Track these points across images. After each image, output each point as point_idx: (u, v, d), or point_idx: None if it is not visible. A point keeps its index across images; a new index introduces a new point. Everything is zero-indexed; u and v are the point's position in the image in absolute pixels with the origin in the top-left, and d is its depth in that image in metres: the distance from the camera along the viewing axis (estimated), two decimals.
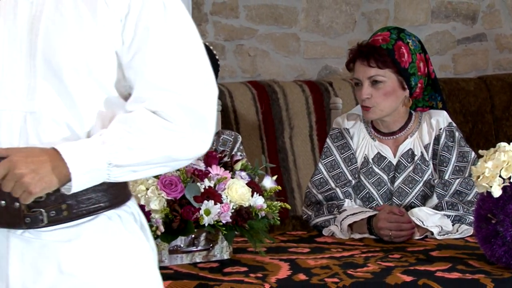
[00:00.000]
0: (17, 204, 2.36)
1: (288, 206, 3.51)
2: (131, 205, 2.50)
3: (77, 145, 2.31)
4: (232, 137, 4.20)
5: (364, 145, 3.95)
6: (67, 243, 2.39)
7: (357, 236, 3.76)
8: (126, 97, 2.42)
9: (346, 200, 3.88)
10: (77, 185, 2.30)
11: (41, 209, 2.37)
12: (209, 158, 3.43)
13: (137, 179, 2.51)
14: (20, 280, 2.40)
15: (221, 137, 4.17)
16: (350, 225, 3.77)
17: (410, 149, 3.90)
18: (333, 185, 3.90)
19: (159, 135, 2.34)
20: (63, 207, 2.38)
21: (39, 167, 2.28)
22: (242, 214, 3.33)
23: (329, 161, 3.93)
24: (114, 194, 2.44)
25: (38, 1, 2.38)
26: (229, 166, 3.45)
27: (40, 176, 2.28)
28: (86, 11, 2.35)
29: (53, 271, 2.38)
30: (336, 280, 3.11)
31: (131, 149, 2.32)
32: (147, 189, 3.27)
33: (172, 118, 2.35)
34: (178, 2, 2.43)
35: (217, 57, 4.09)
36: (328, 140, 3.97)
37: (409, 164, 3.89)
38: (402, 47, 3.80)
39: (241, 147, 4.18)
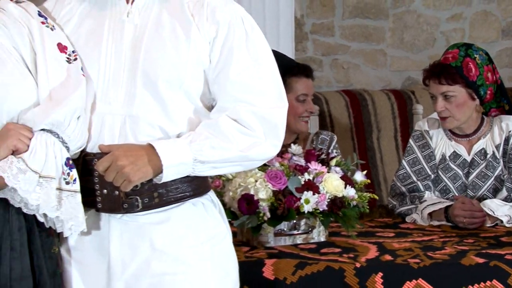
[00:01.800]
0: (117, 192, 2.39)
1: (376, 197, 3.48)
2: (211, 195, 2.53)
3: (169, 143, 2.34)
4: (329, 136, 4.17)
5: (442, 144, 3.90)
6: (158, 225, 2.42)
7: (435, 223, 3.71)
8: (209, 107, 2.45)
9: (426, 192, 3.85)
10: (167, 175, 2.33)
11: (137, 197, 2.39)
12: (309, 155, 3.42)
13: (216, 174, 2.54)
14: (119, 257, 2.42)
15: (320, 137, 4.15)
16: (429, 214, 3.73)
17: (483, 148, 3.84)
18: (415, 178, 3.87)
19: (238, 138, 2.37)
20: (155, 195, 2.40)
21: (137, 159, 2.31)
22: (337, 203, 3.31)
23: (412, 158, 3.90)
24: (197, 185, 2.45)
25: (141, 24, 2.41)
26: (325, 162, 3.43)
27: (138, 167, 2.31)
28: (181, 34, 2.38)
29: (147, 248, 2.41)
30: (417, 260, 3.07)
31: (214, 148, 2.35)
32: (256, 181, 3.27)
33: (249, 125, 2.37)
34: (257, 28, 2.45)
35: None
36: (410, 140, 3.94)
37: (482, 161, 3.83)
38: (470, 63, 3.74)
39: (336, 146, 4.16)
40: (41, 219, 2.33)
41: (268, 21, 4.27)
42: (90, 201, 2.41)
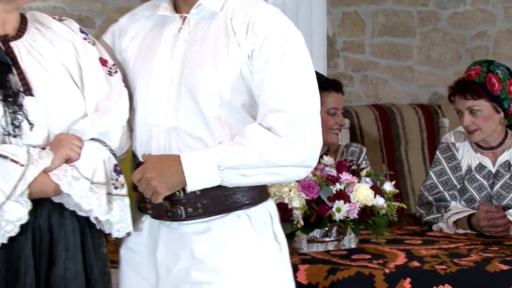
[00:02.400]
0: (162, 202, 2.38)
1: (404, 206, 3.48)
2: (266, 205, 2.45)
3: (195, 153, 2.32)
4: (358, 148, 4.16)
5: (468, 156, 3.89)
6: (199, 235, 2.39)
7: (461, 231, 3.69)
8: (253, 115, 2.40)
9: (452, 201, 3.83)
10: (192, 184, 2.30)
11: (180, 206, 2.38)
12: (340, 166, 3.41)
13: (248, 183, 2.35)
14: (164, 262, 2.42)
15: (350, 149, 4.14)
16: (454, 222, 3.71)
17: (507, 160, 3.82)
18: (441, 188, 3.85)
19: (262, 143, 2.29)
20: (198, 205, 2.38)
21: (165, 171, 2.30)
22: (367, 211, 3.30)
23: (438, 169, 3.89)
24: (245, 197, 2.40)
25: (190, 40, 2.40)
26: (356, 173, 3.43)
27: (164, 179, 2.30)
28: (222, 49, 2.35)
29: (187, 257, 2.39)
30: (444, 267, 3.05)
31: (236, 154, 2.29)
32: (290, 190, 3.27)
33: (277, 131, 2.31)
34: (296, 38, 2.38)
35: None
36: (437, 152, 3.93)
37: (506, 173, 3.81)
38: (492, 78, 3.73)
39: (365, 157, 4.15)
40: (93, 220, 2.35)
41: None
42: (144, 208, 2.44)
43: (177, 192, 2.36)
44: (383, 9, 5.46)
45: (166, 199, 2.37)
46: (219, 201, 2.37)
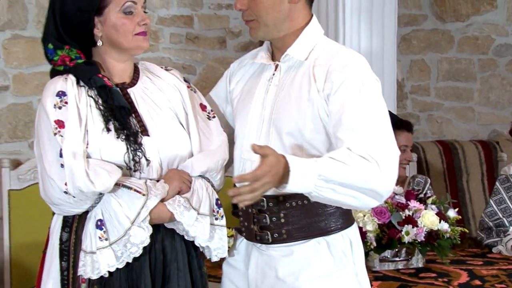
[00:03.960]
0: (252, 226, 2.37)
1: (466, 230, 3.43)
2: (346, 233, 2.37)
3: (299, 159, 2.15)
4: (423, 179, 4.14)
5: None
6: (283, 257, 2.36)
7: None
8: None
9: (511, 227, 3.76)
10: (292, 184, 2.11)
11: (268, 231, 2.36)
12: (409, 194, 3.42)
13: (331, 199, 2.18)
14: (254, 279, 2.40)
15: (416, 179, 4.13)
16: None
17: None
18: (500, 215, 3.79)
19: (357, 160, 2.15)
20: (283, 231, 2.35)
21: (275, 177, 2.11)
22: (432, 235, 3.28)
23: (498, 198, 3.83)
24: (326, 226, 2.35)
25: (280, 85, 2.38)
26: (423, 201, 3.42)
27: (272, 186, 2.14)
28: (305, 95, 2.32)
29: (272, 277, 2.36)
30: (503, 286, 3.00)
31: (336, 166, 2.13)
32: (364, 215, 3.26)
33: (375, 162, 2.16)
34: (371, 84, 2.29)
35: None
36: (497, 183, 3.87)
37: None
38: None
39: (430, 187, 4.12)
40: (197, 244, 2.36)
41: None
42: (240, 229, 2.45)
43: (264, 219, 2.35)
44: (447, 57, 5.41)
45: (255, 224, 2.36)
46: (302, 228, 2.34)
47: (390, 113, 2.35)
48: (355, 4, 4.17)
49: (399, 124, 3.93)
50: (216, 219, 2.36)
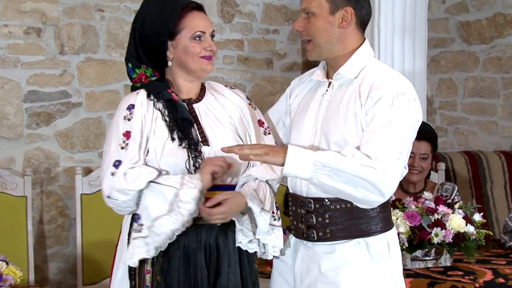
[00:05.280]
0: (300, 225, 2.38)
1: (490, 233, 3.40)
2: (385, 235, 2.36)
3: (300, 149, 2.22)
4: (451, 186, 4.09)
5: None
6: (326, 254, 2.36)
7: None
8: None
9: None
10: (287, 166, 2.16)
11: (314, 230, 2.36)
12: (438, 200, 3.40)
13: (333, 187, 2.19)
14: (299, 272, 2.41)
15: (444, 186, 4.07)
16: None
17: None
18: None
19: (357, 154, 2.18)
20: (327, 231, 2.35)
21: (270, 154, 2.19)
22: (459, 237, 3.25)
23: None
24: (371, 226, 2.34)
25: (331, 100, 2.39)
26: (451, 206, 3.38)
27: (267, 159, 2.20)
28: (351, 109, 2.33)
29: (316, 271, 2.36)
30: None
31: (333, 155, 2.18)
32: (397, 219, 3.24)
33: (371, 157, 2.19)
34: (405, 98, 2.27)
35: None
36: None
37: None
38: None
39: (457, 193, 4.06)
40: (257, 237, 2.37)
41: None
42: (290, 228, 2.46)
43: (311, 219, 2.35)
44: (472, 76, 5.34)
45: (302, 223, 2.37)
46: (345, 229, 2.33)
47: (424, 123, 2.31)
48: (389, 29, 4.18)
49: (422, 135, 3.86)
50: (275, 219, 2.38)
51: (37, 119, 4.16)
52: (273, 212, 2.38)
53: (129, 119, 2.33)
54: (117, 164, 2.27)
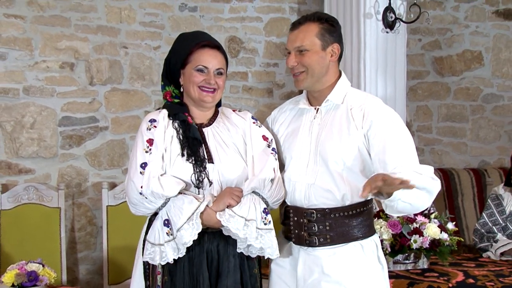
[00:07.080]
0: (302, 232, 2.36)
1: (462, 239, 3.40)
2: (373, 238, 2.39)
3: None
4: None
5: (511, 203, 3.75)
6: (328, 257, 2.35)
7: (504, 258, 3.52)
8: (366, 176, 2.30)
9: (499, 233, 3.68)
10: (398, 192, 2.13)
11: (315, 237, 2.34)
12: None
13: (410, 203, 2.16)
14: (302, 274, 2.38)
15: None
16: (501, 253, 3.55)
17: None
18: (490, 225, 3.74)
19: (424, 168, 2.21)
20: (327, 236, 2.34)
21: None
22: (435, 243, 3.23)
23: (489, 212, 3.78)
24: (361, 231, 2.34)
25: (321, 124, 2.39)
26: (427, 216, 3.37)
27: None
28: (345, 130, 2.32)
29: (319, 272, 2.35)
30: (492, 283, 2.90)
31: (416, 176, 2.15)
32: (381, 227, 3.22)
33: (423, 173, 2.20)
34: (395, 118, 2.32)
35: None
36: (489, 200, 3.84)
37: None
38: None
39: (433, 205, 4.01)
40: (248, 243, 2.33)
41: None
42: (289, 236, 2.41)
43: (313, 227, 2.33)
44: (445, 103, 5.34)
45: (305, 231, 2.35)
46: (342, 234, 2.33)
47: None
48: (373, 62, 4.20)
49: None
50: (265, 223, 2.33)
51: (70, 141, 4.17)
52: (261, 217, 2.32)
53: (150, 129, 2.36)
54: (144, 165, 2.28)
